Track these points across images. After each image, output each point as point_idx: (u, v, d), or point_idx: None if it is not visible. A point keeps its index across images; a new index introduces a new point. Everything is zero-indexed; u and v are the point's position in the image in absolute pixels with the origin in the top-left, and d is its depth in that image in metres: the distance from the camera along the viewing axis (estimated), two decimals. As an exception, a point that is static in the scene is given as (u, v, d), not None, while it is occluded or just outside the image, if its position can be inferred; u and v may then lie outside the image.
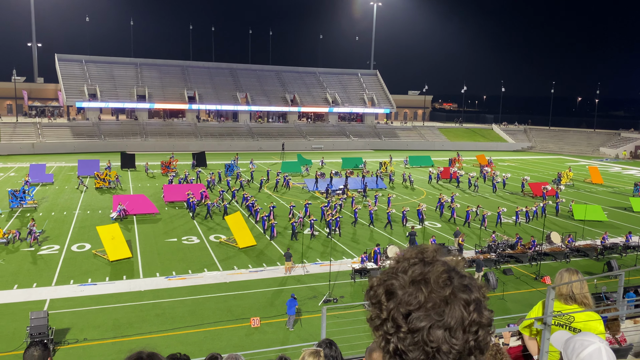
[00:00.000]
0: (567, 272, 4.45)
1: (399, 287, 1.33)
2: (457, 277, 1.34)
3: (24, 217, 33.29)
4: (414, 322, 1.28)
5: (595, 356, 2.19)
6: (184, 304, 20.97)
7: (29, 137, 66.28)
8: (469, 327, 1.28)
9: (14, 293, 21.48)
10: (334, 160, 63.24)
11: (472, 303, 1.30)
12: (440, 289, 1.30)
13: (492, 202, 41.18)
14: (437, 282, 1.31)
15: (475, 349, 1.29)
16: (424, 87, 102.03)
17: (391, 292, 1.34)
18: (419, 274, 1.33)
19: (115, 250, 25.83)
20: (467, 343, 1.27)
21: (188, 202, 35.12)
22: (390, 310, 1.32)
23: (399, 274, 1.36)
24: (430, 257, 1.38)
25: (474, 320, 1.29)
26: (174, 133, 74.25)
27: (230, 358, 3.35)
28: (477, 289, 1.34)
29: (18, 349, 16.49)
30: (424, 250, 1.41)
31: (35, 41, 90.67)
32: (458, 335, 1.27)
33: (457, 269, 1.36)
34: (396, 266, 1.40)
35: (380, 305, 1.35)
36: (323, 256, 26.93)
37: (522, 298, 22.50)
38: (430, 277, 1.32)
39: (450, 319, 1.27)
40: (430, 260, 1.37)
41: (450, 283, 1.31)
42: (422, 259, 1.38)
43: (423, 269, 1.34)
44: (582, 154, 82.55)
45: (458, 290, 1.31)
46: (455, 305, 1.29)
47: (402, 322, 1.29)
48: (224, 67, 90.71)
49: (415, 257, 1.39)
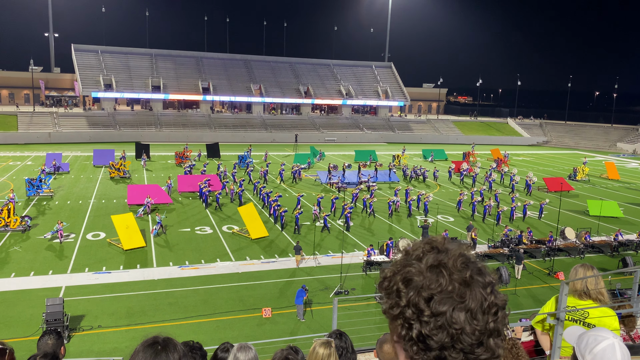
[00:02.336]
0: (582, 267, 4.41)
1: (416, 273, 1.35)
2: (471, 262, 1.37)
3: (40, 205, 33.78)
4: (437, 306, 1.29)
5: (608, 352, 2.17)
6: (197, 293, 21.17)
7: (45, 127, 67.07)
8: (488, 309, 1.31)
9: (31, 280, 21.85)
10: (346, 153, 63.13)
11: (488, 285, 1.34)
12: (459, 272, 1.33)
13: (507, 197, 40.75)
14: (455, 266, 1.34)
15: (494, 331, 1.31)
16: (438, 80, 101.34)
17: (409, 279, 1.35)
18: (435, 260, 1.36)
19: (130, 239, 26.12)
20: (487, 324, 1.30)
21: (201, 192, 35.34)
22: (410, 297, 1.33)
23: (413, 262, 1.38)
24: (441, 245, 1.41)
25: (492, 302, 1.32)
26: (188, 124, 74.64)
27: (241, 347, 3.38)
28: (489, 273, 1.38)
29: (34, 334, 16.78)
30: (433, 240, 1.43)
31: (52, 31, 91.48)
32: (479, 317, 1.29)
33: (468, 255, 1.39)
34: (409, 256, 1.41)
35: (398, 292, 1.36)
36: (335, 248, 26.98)
37: (534, 293, 22.36)
38: (448, 262, 1.34)
39: (472, 301, 1.30)
40: (442, 249, 1.39)
41: (468, 267, 1.34)
42: (434, 247, 1.40)
43: (438, 255, 1.37)
44: (598, 149, 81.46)
45: (475, 273, 1.34)
46: (475, 288, 1.31)
47: (425, 306, 1.30)
48: (238, 58, 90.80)
49: (426, 247, 1.41)
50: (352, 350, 4.25)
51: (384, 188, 41.62)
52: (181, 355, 1.82)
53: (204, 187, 35.14)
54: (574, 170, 51.88)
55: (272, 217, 31.59)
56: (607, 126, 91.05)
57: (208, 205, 34.57)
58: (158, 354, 1.79)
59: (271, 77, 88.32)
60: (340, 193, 38.63)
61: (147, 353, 1.80)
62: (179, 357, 1.82)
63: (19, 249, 25.42)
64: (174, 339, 1.86)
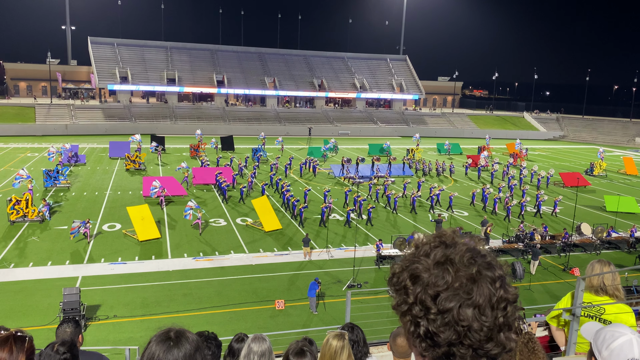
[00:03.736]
0: (598, 263, 4.36)
1: (423, 270, 1.34)
2: (480, 256, 1.35)
3: (57, 196, 34.25)
4: (443, 303, 1.28)
5: (626, 348, 2.15)
6: (211, 284, 21.35)
7: (62, 119, 67.89)
8: (497, 304, 1.29)
9: (48, 269, 22.22)
10: (360, 147, 62.97)
11: (497, 280, 1.31)
12: (466, 267, 1.31)
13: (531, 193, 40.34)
14: (461, 261, 1.32)
15: (504, 325, 1.30)
16: (454, 73, 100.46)
17: (416, 276, 1.34)
18: (442, 256, 1.35)
19: (145, 231, 26.39)
20: (496, 320, 1.28)
21: (220, 185, 35.42)
22: (417, 294, 1.33)
23: (421, 257, 1.37)
24: (450, 240, 1.39)
25: (501, 297, 1.30)
26: (202, 117, 75.01)
27: (256, 338, 3.40)
28: (499, 266, 1.36)
29: (52, 323, 17.09)
30: (443, 234, 1.42)
31: (69, 24, 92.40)
32: (487, 313, 1.28)
33: (478, 249, 1.37)
34: (417, 251, 1.40)
35: (406, 290, 1.36)
36: (348, 241, 26.99)
37: (549, 289, 22.19)
38: (455, 258, 1.33)
39: (479, 296, 1.28)
40: (450, 243, 1.38)
41: (475, 262, 1.32)
42: (442, 242, 1.39)
43: (445, 250, 1.36)
44: (616, 144, 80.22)
45: (483, 268, 1.32)
46: (483, 283, 1.30)
47: (431, 303, 1.30)
48: (252, 51, 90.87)
49: (434, 241, 1.40)
50: (364, 343, 4.26)
51: (398, 182, 41.43)
52: (194, 347, 1.84)
53: (223, 182, 35.03)
54: (591, 165, 51.18)
55: (291, 211, 31.23)
56: (626, 120, 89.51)
57: (228, 198, 34.44)
58: (170, 349, 1.81)
59: (285, 70, 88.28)
60: (353, 187, 38.55)
61: (159, 346, 1.82)
62: (191, 349, 1.83)
63: (37, 239, 25.83)
64: (187, 332, 1.88)
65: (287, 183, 35.73)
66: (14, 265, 22.43)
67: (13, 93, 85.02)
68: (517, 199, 35.04)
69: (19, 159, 46.84)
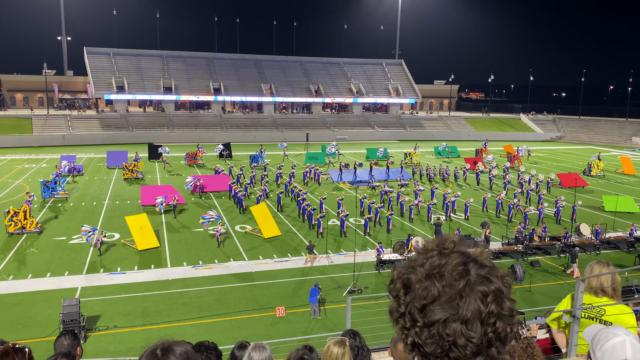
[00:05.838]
0: (597, 264, 4.36)
1: (415, 281, 1.34)
2: (476, 268, 1.31)
3: (55, 207, 34.17)
4: (429, 316, 1.27)
5: (618, 348, 2.18)
6: (211, 293, 21.29)
7: (59, 129, 67.83)
8: (486, 319, 1.26)
9: (47, 281, 22.13)
10: (358, 151, 63.02)
11: (490, 294, 1.28)
12: (455, 281, 1.28)
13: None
14: (451, 274, 1.30)
15: (496, 341, 1.27)
16: (450, 76, 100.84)
17: (408, 286, 1.35)
18: (435, 267, 1.33)
19: (144, 240, 26.34)
20: (485, 335, 1.26)
21: (236, 195, 34.69)
22: (407, 304, 1.33)
23: (416, 267, 1.36)
24: (448, 249, 1.37)
25: (491, 312, 1.26)
26: (199, 124, 75.04)
27: (256, 347, 3.39)
28: (498, 278, 1.32)
29: (51, 335, 17.00)
30: (444, 242, 1.40)
31: (64, 35, 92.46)
32: (475, 328, 1.25)
33: (477, 260, 1.34)
34: (415, 259, 1.40)
35: (398, 299, 1.36)
36: (346, 247, 26.94)
37: (549, 290, 22.16)
38: (445, 270, 1.31)
39: (466, 311, 1.25)
40: (448, 252, 1.36)
41: (466, 275, 1.29)
42: (440, 251, 1.37)
43: (440, 261, 1.34)
44: (613, 144, 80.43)
45: (475, 282, 1.29)
46: (471, 298, 1.27)
47: (418, 316, 1.29)
48: (248, 58, 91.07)
49: (433, 250, 1.38)
50: (366, 350, 4.25)
51: (395, 186, 41.37)
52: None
53: (239, 192, 34.48)
54: (589, 166, 51.25)
55: (309, 221, 30.56)
56: (622, 120, 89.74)
57: (245, 209, 33.25)
58: None
59: (282, 77, 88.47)
60: (369, 192, 37.88)
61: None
62: None
63: (35, 251, 25.76)
64: (177, 345, 1.83)
65: (304, 191, 35.05)
66: (12, 277, 22.34)
67: (9, 104, 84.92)
68: (533, 205, 34.65)
69: (17, 171, 46.76)
